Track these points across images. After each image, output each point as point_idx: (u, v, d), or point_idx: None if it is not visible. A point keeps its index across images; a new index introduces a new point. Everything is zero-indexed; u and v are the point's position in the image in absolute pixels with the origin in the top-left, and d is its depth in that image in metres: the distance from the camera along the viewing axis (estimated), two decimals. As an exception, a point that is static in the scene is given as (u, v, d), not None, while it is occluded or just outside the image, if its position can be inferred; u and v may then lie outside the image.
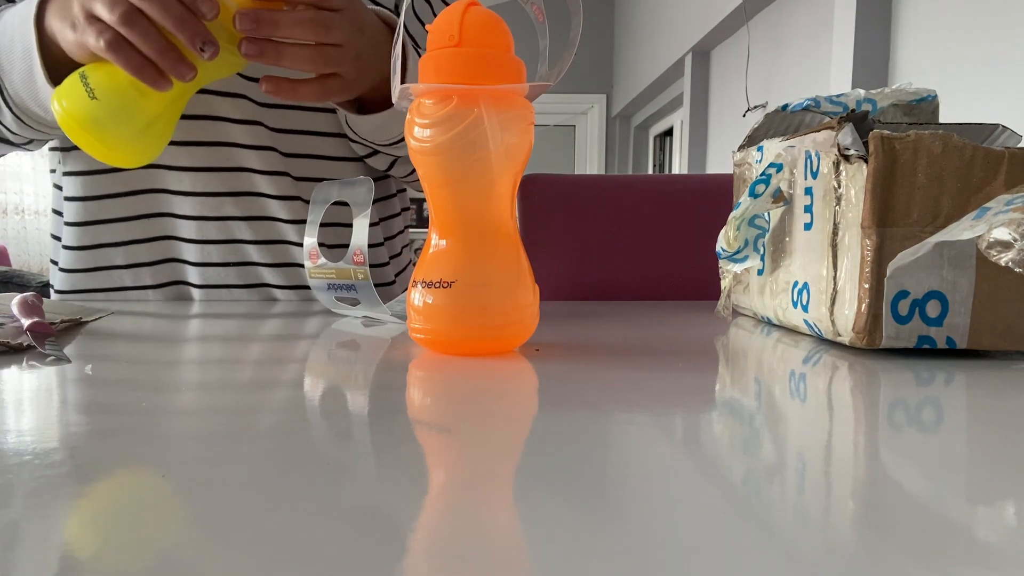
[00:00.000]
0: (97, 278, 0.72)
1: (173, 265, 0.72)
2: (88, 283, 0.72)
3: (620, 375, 0.35)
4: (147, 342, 0.47)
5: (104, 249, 0.71)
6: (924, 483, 0.21)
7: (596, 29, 4.96)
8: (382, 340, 0.46)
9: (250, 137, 0.69)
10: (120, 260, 0.71)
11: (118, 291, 0.72)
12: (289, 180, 0.72)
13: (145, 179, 0.70)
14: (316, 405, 0.31)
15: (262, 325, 0.55)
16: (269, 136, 0.70)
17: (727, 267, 0.53)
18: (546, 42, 0.41)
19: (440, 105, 0.37)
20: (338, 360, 0.40)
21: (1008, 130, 0.47)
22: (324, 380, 0.36)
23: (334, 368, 0.39)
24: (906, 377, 0.36)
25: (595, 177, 1.06)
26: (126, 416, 0.27)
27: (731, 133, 3.09)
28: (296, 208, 0.72)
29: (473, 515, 0.18)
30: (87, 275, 0.72)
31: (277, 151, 0.71)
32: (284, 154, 0.72)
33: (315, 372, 0.38)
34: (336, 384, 0.35)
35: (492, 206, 0.39)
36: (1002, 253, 0.32)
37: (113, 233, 0.71)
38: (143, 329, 0.53)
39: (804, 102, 0.52)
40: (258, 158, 0.70)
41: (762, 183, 0.48)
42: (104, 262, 0.72)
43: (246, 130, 0.69)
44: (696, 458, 0.23)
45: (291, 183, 0.72)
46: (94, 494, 0.19)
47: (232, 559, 0.15)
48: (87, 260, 0.72)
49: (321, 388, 0.34)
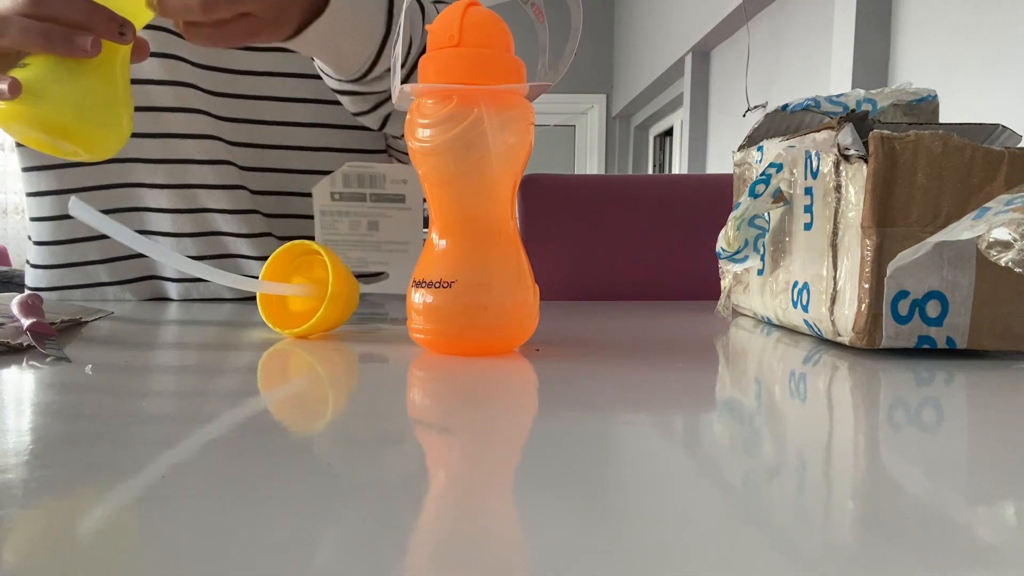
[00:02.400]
0: (72, 274, 0.72)
1: (148, 260, 0.72)
2: (63, 279, 0.72)
3: (620, 375, 0.35)
4: (148, 342, 0.47)
5: (76, 244, 0.71)
6: (924, 483, 0.21)
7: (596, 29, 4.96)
8: (382, 340, 0.46)
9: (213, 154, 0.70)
10: (95, 255, 0.71)
11: (94, 287, 0.72)
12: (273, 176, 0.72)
13: (116, 174, 0.70)
14: (315, 406, 0.31)
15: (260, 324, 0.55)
16: (226, 151, 0.71)
17: (727, 267, 0.53)
18: (546, 42, 0.41)
19: (440, 105, 0.37)
20: (337, 360, 0.40)
21: (1008, 130, 0.46)
22: (323, 380, 0.36)
23: (333, 368, 0.39)
24: (906, 377, 0.36)
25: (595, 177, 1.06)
26: (126, 416, 0.27)
27: (731, 133, 3.09)
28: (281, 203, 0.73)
29: (473, 515, 0.18)
30: (61, 271, 0.72)
31: (234, 165, 0.71)
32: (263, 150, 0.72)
33: (314, 372, 0.38)
34: (334, 384, 0.35)
35: (492, 206, 0.39)
36: (1002, 253, 0.32)
37: (86, 229, 0.70)
38: (143, 329, 0.53)
39: (804, 102, 0.52)
40: (216, 174, 0.70)
41: (762, 183, 0.48)
42: (77, 258, 0.72)
43: (205, 145, 0.69)
44: (696, 458, 0.23)
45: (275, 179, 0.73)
46: (94, 494, 0.19)
47: (232, 559, 0.15)
48: (60, 256, 0.72)
49: (319, 388, 0.34)
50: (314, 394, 0.33)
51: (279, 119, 0.72)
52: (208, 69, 0.69)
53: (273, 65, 0.71)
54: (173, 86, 0.67)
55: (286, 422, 0.27)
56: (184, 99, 0.68)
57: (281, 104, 0.72)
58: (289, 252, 0.47)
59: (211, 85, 0.69)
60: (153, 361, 0.40)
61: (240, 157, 0.71)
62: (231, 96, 0.70)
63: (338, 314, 0.45)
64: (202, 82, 0.69)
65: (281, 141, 0.73)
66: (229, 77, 0.70)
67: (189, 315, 0.60)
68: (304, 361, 0.40)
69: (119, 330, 0.51)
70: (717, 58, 3.30)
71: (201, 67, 0.69)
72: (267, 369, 0.38)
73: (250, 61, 0.70)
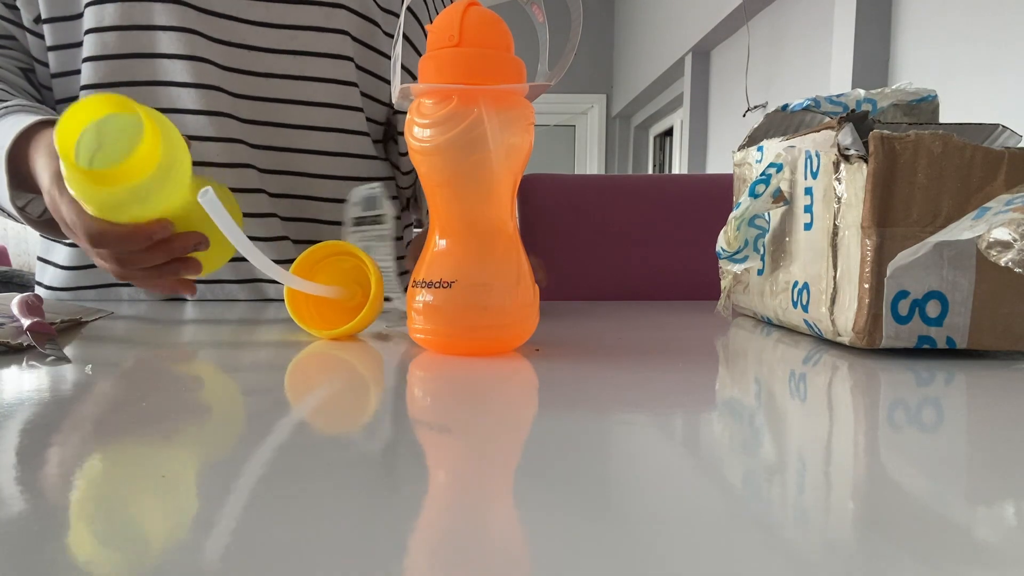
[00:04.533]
0: (91, 275, 0.73)
1: None
2: (82, 280, 0.73)
3: (620, 375, 0.35)
4: (146, 343, 0.47)
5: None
6: (924, 483, 0.21)
7: (596, 29, 4.96)
8: (382, 340, 0.46)
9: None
10: None
11: (110, 287, 0.73)
12: (283, 178, 0.73)
13: None
14: (315, 406, 0.31)
15: (260, 326, 0.55)
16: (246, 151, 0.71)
17: (727, 267, 0.53)
18: (546, 42, 0.41)
19: (440, 105, 0.37)
20: (337, 360, 0.40)
21: (1008, 130, 0.47)
22: (323, 380, 0.36)
23: (333, 368, 0.39)
24: (906, 377, 0.36)
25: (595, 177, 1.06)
26: (125, 416, 0.27)
27: (731, 133, 3.09)
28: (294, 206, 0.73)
29: (473, 515, 0.18)
30: (83, 272, 0.73)
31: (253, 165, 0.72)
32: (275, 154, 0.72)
33: (314, 372, 0.38)
34: (335, 384, 0.35)
35: (492, 206, 0.39)
36: (1002, 253, 0.32)
37: None
38: (143, 330, 0.53)
39: (804, 102, 0.52)
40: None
41: (762, 183, 0.48)
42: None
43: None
44: (696, 458, 0.23)
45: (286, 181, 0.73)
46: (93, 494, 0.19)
47: (230, 560, 0.15)
48: (84, 257, 0.72)
49: (320, 389, 0.34)
50: (313, 394, 0.33)
51: (299, 123, 0.73)
52: (234, 72, 0.70)
53: (295, 68, 0.71)
54: (200, 89, 0.68)
55: (284, 422, 0.27)
56: (211, 102, 0.68)
57: (302, 108, 0.72)
58: (317, 252, 0.48)
59: (237, 88, 0.70)
60: (153, 361, 0.40)
61: (260, 160, 0.72)
62: (255, 99, 0.71)
63: (373, 316, 0.46)
64: (228, 85, 0.69)
65: (300, 145, 0.73)
66: (254, 80, 0.70)
67: (196, 315, 0.60)
68: (303, 361, 0.40)
69: (120, 330, 0.51)
70: (717, 58, 3.30)
71: (228, 69, 0.69)
72: (267, 369, 0.38)
73: (270, 64, 0.70)
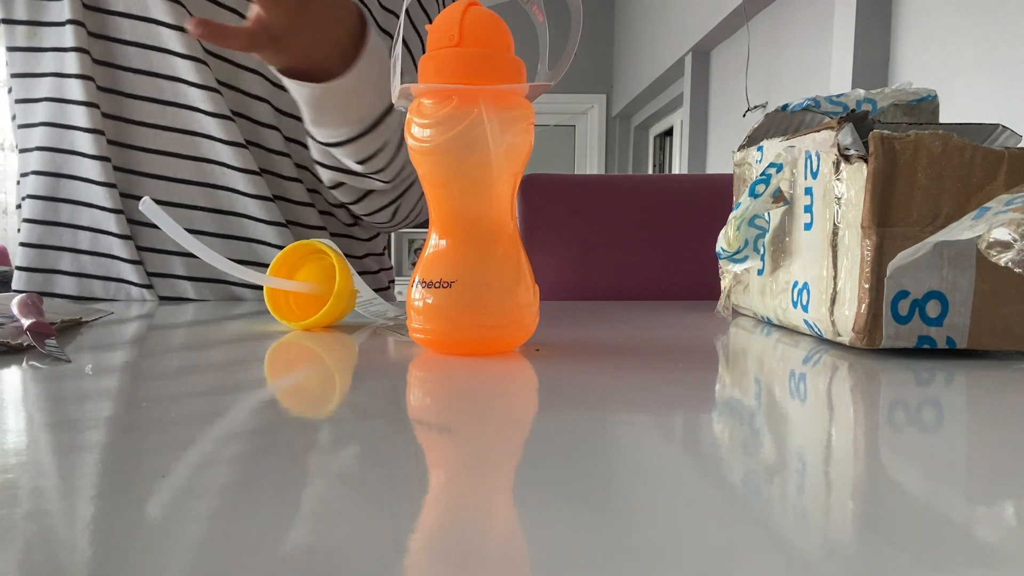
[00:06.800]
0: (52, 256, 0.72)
1: (168, 258, 0.73)
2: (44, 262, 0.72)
3: (620, 375, 0.35)
4: (147, 342, 0.47)
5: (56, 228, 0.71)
6: (924, 483, 0.21)
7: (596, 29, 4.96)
8: (382, 340, 0.46)
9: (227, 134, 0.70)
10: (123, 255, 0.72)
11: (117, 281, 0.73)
12: (264, 179, 0.73)
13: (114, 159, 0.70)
14: (315, 405, 0.31)
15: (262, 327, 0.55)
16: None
17: (727, 267, 0.53)
18: (546, 42, 0.41)
19: (440, 105, 0.37)
20: (337, 360, 0.40)
21: (1008, 130, 0.47)
22: (323, 380, 0.36)
23: (333, 368, 0.39)
24: (906, 377, 0.36)
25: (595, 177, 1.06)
26: (125, 416, 0.27)
27: (731, 133, 3.09)
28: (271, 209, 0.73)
29: (473, 515, 0.18)
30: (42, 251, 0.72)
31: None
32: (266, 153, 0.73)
33: (314, 372, 0.38)
34: (335, 384, 0.35)
35: (492, 206, 0.39)
36: (1002, 253, 0.32)
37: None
38: (143, 330, 0.53)
39: (804, 102, 0.52)
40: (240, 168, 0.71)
41: (762, 183, 0.48)
42: (56, 242, 0.72)
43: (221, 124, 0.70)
44: (696, 458, 0.23)
45: (266, 183, 0.73)
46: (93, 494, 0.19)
47: (231, 559, 0.15)
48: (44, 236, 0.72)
49: (320, 389, 0.34)
50: (313, 395, 0.33)
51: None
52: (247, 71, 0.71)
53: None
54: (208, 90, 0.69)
55: (284, 423, 0.27)
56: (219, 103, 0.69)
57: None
58: (297, 250, 0.51)
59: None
60: (153, 361, 0.40)
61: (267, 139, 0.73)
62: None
63: (340, 310, 0.50)
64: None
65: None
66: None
67: (195, 316, 0.60)
68: (303, 362, 0.40)
69: (120, 330, 0.51)
70: (717, 58, 3.30)
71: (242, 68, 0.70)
72: (266, 369, 0.38)
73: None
